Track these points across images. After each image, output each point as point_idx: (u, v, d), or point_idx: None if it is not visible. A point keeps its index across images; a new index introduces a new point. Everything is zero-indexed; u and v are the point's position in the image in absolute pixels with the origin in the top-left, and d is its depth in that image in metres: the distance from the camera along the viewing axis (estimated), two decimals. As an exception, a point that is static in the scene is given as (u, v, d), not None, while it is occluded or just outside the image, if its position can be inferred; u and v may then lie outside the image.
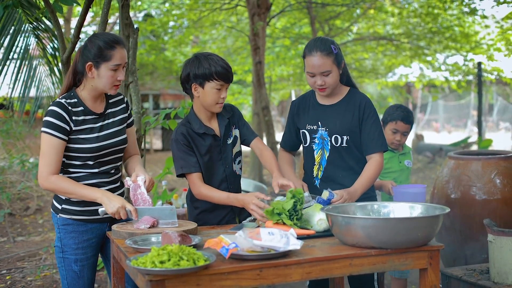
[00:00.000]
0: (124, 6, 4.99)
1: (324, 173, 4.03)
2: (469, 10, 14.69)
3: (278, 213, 3.42)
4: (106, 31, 3.75)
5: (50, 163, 3.46)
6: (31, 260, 7.39)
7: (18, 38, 6.12)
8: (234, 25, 16.11)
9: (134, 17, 17.42)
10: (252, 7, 10.53)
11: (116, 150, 3.69)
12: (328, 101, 4.07)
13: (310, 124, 4.05)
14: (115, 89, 3.58)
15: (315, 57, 3.85)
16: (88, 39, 3.56)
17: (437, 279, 3.13)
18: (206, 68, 3.75)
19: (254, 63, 10.51)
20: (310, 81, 3.94)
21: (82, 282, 3.66)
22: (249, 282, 2.82)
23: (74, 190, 3.49)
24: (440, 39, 16.41)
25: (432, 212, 3.26)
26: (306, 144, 4.09)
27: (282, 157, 4.29)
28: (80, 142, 3.53)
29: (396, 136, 5.02)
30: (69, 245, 3.62)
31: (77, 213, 3.60)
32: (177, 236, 3.00)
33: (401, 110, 5.06)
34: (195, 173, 3.84)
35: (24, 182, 9.65)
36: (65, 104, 3.51)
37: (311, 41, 3.96)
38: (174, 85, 23.64)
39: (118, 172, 3.79)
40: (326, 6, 14.28)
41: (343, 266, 3.00)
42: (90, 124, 3.58)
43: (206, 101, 3.82)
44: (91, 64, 3.49)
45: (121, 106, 3.78)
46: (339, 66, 3.94)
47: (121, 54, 3.51)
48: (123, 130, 3.74)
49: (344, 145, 3.98)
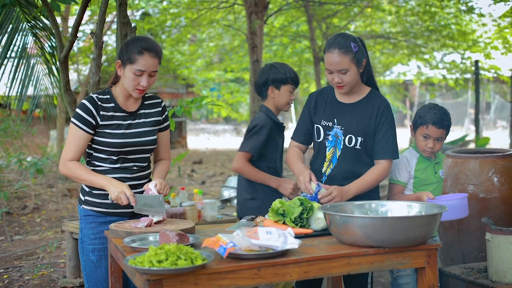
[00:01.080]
0: (122, 5, 4.98)
1: (333, 171, 4.00)
2: (466, 8, 14.68)
3: (281, 213, 3.42)
4: (146, 36, 3.81)
5: (70, 150, 3.66)
6: (28, 259, 7.38)
7: (16, 37, 6.12)
8: (231, 24, 16.10)
9: (132, 15, 17.40)
10: (250, 6, 10.51)
11: (142, 150, 3.78)
12: (346, 99, 4.04)
13: (326, 120, 4.03)
14: (138, 93, 3.68)
15: (333, 54, 3.82)
16: (128, 40, 3.73)
17: (435, 278, 3.13)
18: (282, 73, 4.60)
19: (252, 61, 10.49)
20: (329, 77, 3.92)
21: (100, 272, 3.77)
22: (247, 282, 2.82)
23: (85, 177, 3.66)
24: (437, 37, 16.41)
25: (430, 211, 3.27)
26: (319, 139, 4.06)
27: (293, 153, 4.19)
28: (105, 136, 3.68)
29: (428, 142, 4.24)
30: (88, 235, 3.77)
31: (97, 205, 3.76)
32: (174, 235, 3.00)
33: (434, 111, 4.24)
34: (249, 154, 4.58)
35: (22, 180, 9.64)
36: (95, 99, 3.69)
37: (332, 37, 3.92)
38: (172, 84, 23.65)
39: (143, 170, 3.85)
40: (323, 5, 14.26)
41: (341, 265, 3.00)
42: (118, 121, 3.71)
43: (280, 102, 4.66)
44: (119, 63, 3.67)
45: (157, 109, 3.88)
46: (358, 65, 3.89)
47: (147, 61, 3.60)
48: (153, 132, 3.82)
49: (358, 147, 3.95)
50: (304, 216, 3.42)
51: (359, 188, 3.86)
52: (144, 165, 3.85)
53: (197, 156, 20.62)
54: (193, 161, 18.72)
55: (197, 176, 15.53)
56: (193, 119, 39.64)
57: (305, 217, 3.43)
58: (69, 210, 10.56)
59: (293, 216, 3.40)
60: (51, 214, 10.33)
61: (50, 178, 13.54)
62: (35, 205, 10.82)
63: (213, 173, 16.06)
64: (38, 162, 8.98)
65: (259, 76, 4.68)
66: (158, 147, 3.94)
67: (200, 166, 17.78)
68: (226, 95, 21.74)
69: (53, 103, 7.66)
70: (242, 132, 33.27)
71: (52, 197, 11.83)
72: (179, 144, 24.85)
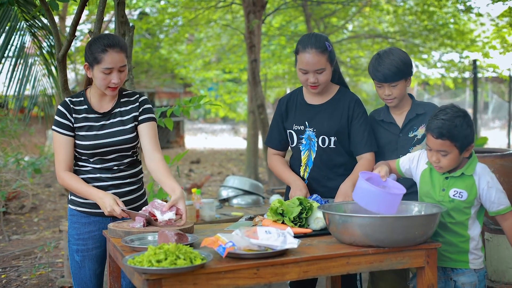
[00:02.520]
0: (120, 4, 4.97)
1: (310, 175, 3.99)
2: (464, 8, 14.70)
3: (280, 213, 3.42)
4: (108, 32, 3.79)
5: (60, 160, 3.68)
6: (26, 258, 7.38)
7: (14, 36, 6.11)
8: (229, 23, 16.10)
9: (130, 15, 17.40)
10: (248, 5, 10.51)
11: (118, 149, 3.72)
12: (316, 100, 4.02)
13: (297, 125, 4.00)
14: (111, 90, 3.64)
15: (309, 54, 3.80)
16: (90, 41, 3.67)
17: (434, 278, 3.13)
18: (371, 68, 3.93)
19: (250, 61, 10.49)
20: (302, 78, 3.88)
21: (83, 272, 3.78)
22: (246, 281, 2.81)
23: (79, 189, 3.66)
24: (435, 37, 16.42)
25: (429, 210, 3.26)
26: (293, 144, 4.04)
27: (277, 161, 4.13)
28: (79, 139, 3.68)
29: (432, 154, 3.36)
30: (72, 235, 3.80)
31: (80, 205, 3.77)
32: (173, 235, 2.99)
33: (438, 117, 3.33)
34: None
35: (19, 180, 9.62)
36: (68, 102, 3.70)
37: (305, 37, 3.89)
38: (169, 83, 23.63)
39: (125, 170, 3.79)
40: (321, 4, 14.28)
41: (340, 265, 2.99)
42: (90, 122, 3.69)
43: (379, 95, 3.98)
44: (87, 65, 3.63)
45: (134, 105, 3.79)
46: (332, 64, 3.90)
47: (112, 58, 3.55)
48: (129, 130, 3.74)
49: (332, 146, 3.95)
50: (303, 215, 3.42)
51: (351, 187, 3.84)
52: (126, 164, 3.77)
53: (195, 155, 20.63)
54: (191, 161, 18.72)
55: (195, 176, 15.53)
56: (191, 118, 39.65)
57: (304, 217, 3.42)
58: (67, 210, 10.53)
59: (292, 216, 3.39)
60: (49, 214, 10.32)
61: (48, 177, 13.53)
62: (32, 204, 10.82)
63: (211, 173, 16.06)
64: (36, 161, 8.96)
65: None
66: (143, 140, 3.74)
67: (198, 166, 17.78)
68: (224, 95, 21.73)
69: (51, 102, 7.64)
70: (239, 132, 33.27)
71: (50, 196, 11.83)
72: (177, 143, 24.85)
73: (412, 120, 3.91)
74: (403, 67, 3.82)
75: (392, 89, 3.83)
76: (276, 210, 3.43)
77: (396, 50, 3.89)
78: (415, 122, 3.91)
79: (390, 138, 3.94)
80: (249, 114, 13.28)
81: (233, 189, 6.67)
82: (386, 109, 4.02)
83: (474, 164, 3.41)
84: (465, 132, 3.29)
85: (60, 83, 4.71)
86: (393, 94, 3.84)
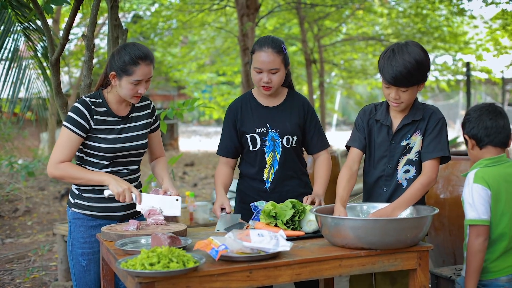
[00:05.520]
0: (113, 8, 4.98)
1: (275, 175, 3.99)
2: (457, 10, 14.75)
3: (273, 216, 3.43)
4: (136, 42, 3.79)
5: (62, 153, 3.59)
6: (20, 262, 7.36)
7: (8, 39, 6.10)
8: (223, 26, 16.11)
9: (123, 18, 17.39)
10: (241, 8, 10.51)
11: (134, 154, 3.77)
12: (270, 102, 4.04)
13: (259, 127, 3.99)
14: (136, 99, 3.68)
15: (266, 53, 3.83)
16: (117, 49, 3.67)
17: (426, 280, 3.14)
18: (381, 63, 3.51)
19: (243, 63, 10.49)
20: (256, 77, 3.89)
21: (89, 275, 3.75)
22: (239, 284, 2.82)
23: (82, 175, 3.61)
24: (429, 39, 16.47)
25: (421, 212, 3.28)
26: (256, 147, 3.99)
27: (220, 174, 4.08)
28: (98, 141, 3.65)
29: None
30: (77, 238, 3.75)
31: (87, 208, 3.73)
32: (166, 238, 3.00)
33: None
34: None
35: (13, 183, 9.61)
36: (89, 103, 3.65)
37: (263, 38, 3.93)
38: (163, 86, 23.64)
39: (133, 173, 3.83)
40: (315, 7, 14.29)
41: (332, 267, 3.00)
42: (110, 125, 3.69)
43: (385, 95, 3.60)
44: (114, 74, 3.62)
45: (147, 111, 3.86)
46: (286, 67, 3.94)
47: (143, 70, 3.59)
48: (144, 135, 3.81)
49: (294, 145, 3.99)
50: (296, 218, 3.43)
51: (323, 187, 3.96)
52: (135, 169, 3.84)
53: (189, 158, 20.61)
54: (185, 163, 18.71)
55: (189, 179, 15.53)
56: (185, 121, 39.64)
57: (297, 220, 3.44)
58: (61, 213, 10.52)
59: (285, 219, 3.41)
60: (43, 217, 10.30)
61: (41, 180, 13.50)
62: (26, 208, 10.79)
63: (205, 175, 16.06)
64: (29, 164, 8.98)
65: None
66: (152, 147, 3.96)
67: (192, 168, 17.77)
68: (218, 97, 21.73)
69: (44, 105, 7.64)
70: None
71: (44, 200, 11.80)
72: (171, 146, 24.83)
73: (406, 126, 3.57)
74: (417, 71, 3.37)
75: (400, 94, 3.44)
76: (269, 213, 3.45)
77: (413, 48, 3.41)
78: (409, 129, 3.56)
79: (383, 141, 3.64)
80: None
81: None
82: (385, 109, 3.65)
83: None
84: None
85: (54, 86, 4.71)
86: (401, 99, 3.46)
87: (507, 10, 12.89)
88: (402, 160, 3.58)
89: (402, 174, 3.57)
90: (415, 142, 3.56)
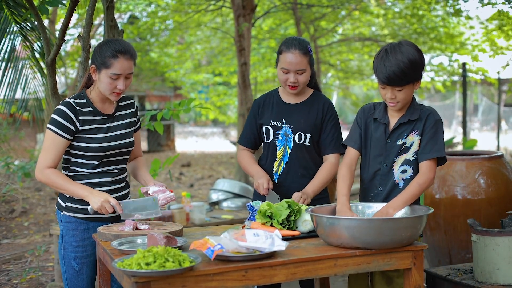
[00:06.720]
0: (109, 8, 4.98)
1: (284, 169, 4.07)
2: (453, 11, 14.78)
3: (269, 215, 3.45)
4: (118, 38, 3.79)
5: (48, 158, 3.57)
6: (16, 262, 7.36)
7: (4, 39, 6.09)
8: (219, 26, 16.11)
9: (119, 18, 17.38)
10: (237, 8, 10.52)
11: (122, 152, 3.77)
12: (293, 100, 4.13)
13: (274, 121, 4.09)
14: (115, 95, 3.65)
15: (293, 54, 3.91)
16: (99, 44, 3.67)
17: (421, 279, 3.16)
18: (375, 65, 3.55)
19: (240, 64, 10.50)
20: (283, 77, 3.98)
21: (81, 279, 3.73)
22: (235, 283, 2.83)
23: (64, 186, 3.58)
24: (425, 40, 16.50)
25: (416, 212, 3.29)
26: (268, 140, 4.12)
27: (246, 155, 4.23)
28: (86, 141, 3.63)
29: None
30: (70, 242, 3.71)
31: (79, 211, 3.69)
32: (162, 237, 3.01)
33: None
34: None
35: (9, 184, 9.61)
36: (73, 104, 3.62)
37: (290, 39, 4.00)
38: (160, 87, 23.61)
39: (122, 173, 3.84)
40: (311, 7, 14.31)
41: (328, 267, 3.02)
42: (98, 124, 3.67)
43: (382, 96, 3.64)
44: (93, 67, 3.61)
45: (130, 110, 3.87)
46: (311, 67, 4.03)
47: (122, 64, 3.57)
48: (130, 134, 3.82)
49: (307, 143, 4.04)
50: (291, 218, 3.45)
51: (316, 190, 3.96)
52: (123, 168, 3.84)
53: (186, 159, 20.60)
54: (182, 164, 18.70)
55: (185, 179, 15.53)
56: (181, 122, 39.61)
57: (292, 220, 3.45)
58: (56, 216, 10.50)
59: (280, 218, 3.42)
60: (39, 218, 10.30)
61: (38, 181, 13.47)
62: (22, 208, 10.79)
63: (201, 176, 16.06)
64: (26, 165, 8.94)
65: None
66: (135, 145, 3.95)
67: (188, 169, 17.77)
68: (214, 98, 21.74)
69: (40, 106, 7.63)
70: (230, 135, 33.25)
71: (40, 200, 11.80)
72: (168, 147, 24.81)
73: (403, 125, 3.62)
74: (411, 70, 3.41)
75: (396, 93, 3.48)
76: (265, 213, 3.46)
77: (406, 47, 3.46)
78: (405, 128, 3.59)
79: (379, 139, 3.67)
80: (239, 117, 13.26)
81: (223, 192, 6.70)
82: (383, 108, 3.69)
83: None
84: None
85: (50, 87, 4.71)
86: (397, 98, 3.51)
87: (503, 10, 12.93)
88: (398, 159, 3.60)
89: (399, 174, 3.59)
90: (411, 142, 3.59)
